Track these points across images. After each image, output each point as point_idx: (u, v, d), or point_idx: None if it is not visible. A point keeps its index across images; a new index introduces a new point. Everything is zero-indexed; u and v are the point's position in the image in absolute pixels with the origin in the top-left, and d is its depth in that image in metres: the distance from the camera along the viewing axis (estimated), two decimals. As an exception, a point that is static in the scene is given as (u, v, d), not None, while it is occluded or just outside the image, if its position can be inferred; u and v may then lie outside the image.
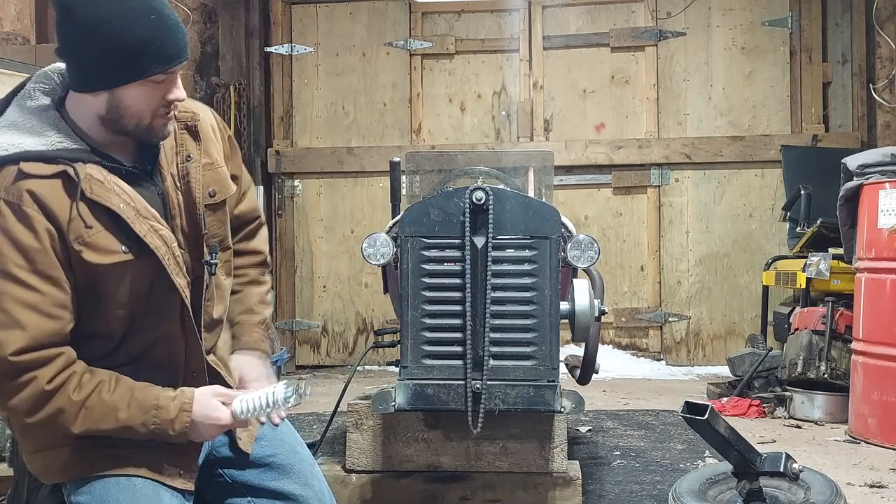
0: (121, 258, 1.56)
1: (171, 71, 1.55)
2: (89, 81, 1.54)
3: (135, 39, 1.48)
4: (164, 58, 1.52)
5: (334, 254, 6.06)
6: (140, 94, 1.54)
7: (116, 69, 1.51)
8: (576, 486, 2.56)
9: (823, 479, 2.39)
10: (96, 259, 1.54)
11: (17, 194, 1.50)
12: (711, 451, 3.18)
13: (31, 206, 1.50)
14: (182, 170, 1.68)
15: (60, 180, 1.53)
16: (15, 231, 1.49)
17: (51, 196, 1.52)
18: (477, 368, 2.26)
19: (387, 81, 6.05)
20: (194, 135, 1.72)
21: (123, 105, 1.55)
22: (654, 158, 5.80)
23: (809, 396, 4.05)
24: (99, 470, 1.59)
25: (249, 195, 1.95)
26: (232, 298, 1.90)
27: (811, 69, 5.76)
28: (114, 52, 1.49)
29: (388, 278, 2.69)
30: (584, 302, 2.33)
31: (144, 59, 1.50)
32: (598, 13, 5.94)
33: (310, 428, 3.93)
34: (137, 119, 1.57)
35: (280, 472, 1.79)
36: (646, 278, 5.87)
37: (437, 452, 2.59)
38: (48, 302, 1.51)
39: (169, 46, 1.52)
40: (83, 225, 1.53)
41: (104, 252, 1.55)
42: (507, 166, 3.34)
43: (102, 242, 1.55)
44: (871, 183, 3.66)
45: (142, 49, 1.49)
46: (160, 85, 1.55)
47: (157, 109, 1.57)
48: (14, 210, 1.50)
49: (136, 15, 1.49)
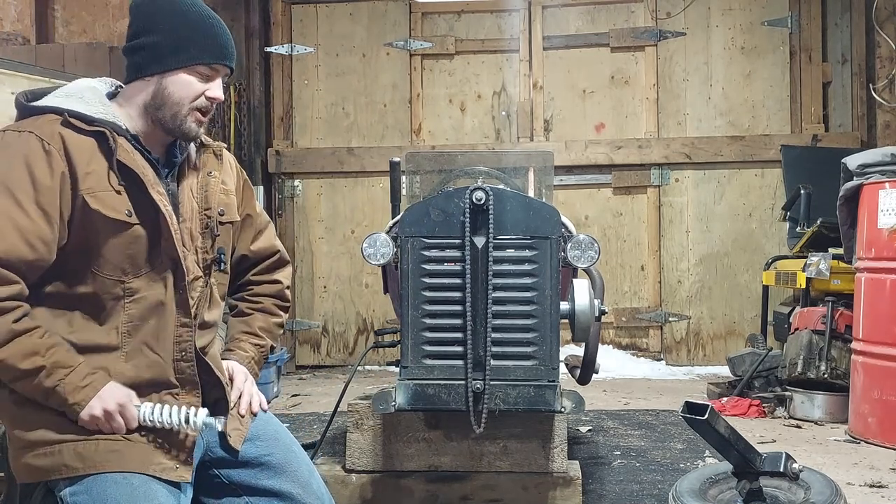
0: (122, 217, 1.66)
1: (215, 67, 1.75)
2: (147, 65, 1.72)
3: (196, 31, 1.72)
4: (214, 52, 1.74)
5: (335, 254, 6.06)
6: (185, 83, 1.72)
7: (176, 51, 1.71)
8: (576, 485, 2.56)
9: (823, 479, 2.39)
10: (99, 207, 1.64)
11: (49, 134, 1.64)
12: (711, 451, 3.18)
13: (56, 146, 1.63)
14: (202, 181, 1.82)
15: (94, 139, 1.66)
16: (33, 162, 1.61)
17: (79, 147, 1.64)
18: (477, 368, 2.26)
19: (387, 82, 6.05)
20: (219, 157, 1.89)
21: (167, 91, 1.72)
22: (654, 158, 5.81)
23: (809, 396, 4.05)
24: (94, 468, 1.60)
25: (266, 234, 2.05)
26: (238, 319, 2.01)
27: (811, 69, 5.76)
28: (176, 38, 1.71)
29: (389, 278, 2.69)
30: (584, 302, 2.33)
31: (197, 49, 1.72)
32: (597, 13, 5.94)
33: (310, 428, 3.93)
34: (177, 107, 1.72)
35: (276, 471, 1.80)
36: (646, 278, 5.88)
37: (437, 452, 2.60)
38: (33, 231, 1.60)
39: (221, 45, 1.75)
40: (98, 180, 1.64)
41: (109, 208, 1.65)
42: (507, 166, 3.34)
43: (111, 201, 1.65)
44: (870, 183, 3.66)
45: (198, 40, 1.72)
46: (205, 79, 1.74)
47: (196, 102, 1.74)
48: (42, 145, 1.63)
49: (199, 16, 1.74)
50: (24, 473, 1.65)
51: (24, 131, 1.64)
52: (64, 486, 1.61)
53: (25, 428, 1.63)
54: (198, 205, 1.79)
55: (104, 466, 1.60)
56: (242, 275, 2.03)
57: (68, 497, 1.60)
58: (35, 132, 1.63)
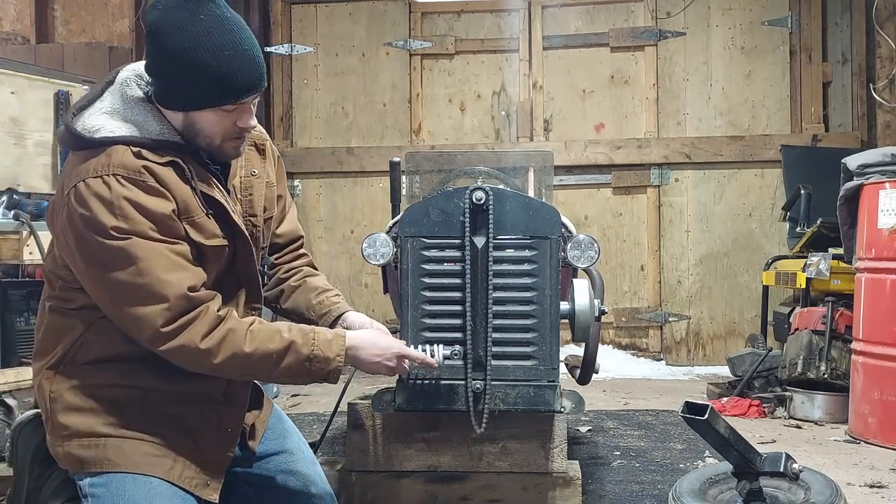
0: (220, 242, 1.70)
1: (241, 102, 1.67)
2: (167, 101, 1.67)
3: (209, 73, 1.61)
4: (234, 91, 1.64)
5: (334, 254, 6.06)
6: (212, 120, 1.67)
7: (190, 96, 1.64)
8: (576, 486, 2.55)
9: (823, 479, 2.39)
10: (201, 239, 1.66)
11: (136, 169, 1.60)
12: (711, 451, 3.18)
13: (152, 180, 1.61)
14: (245, 183, 1.82)
15: (171, 168, 1.65)
16: (144, 201, 1.59)
17: (163, 176, 1.63)
18: (477, 368, 2.26)
19: (386, 82, 6.05)
20: (262, 152, 1.88)
21: (196, 126, 1.68)
22: (654, 158, 5.81)
23: (809, 396, 4.05)
24: (134, 468, 1.62)
25: (291, 216, 2.06)
26: (299, 292, 2.03)
27: (811, 69, 5.76)
28: (189, 82, 1.62)
29: (388, 278, 2.69)
30: (584, 302, 2.33)
31: (216, 92, 1.63)
32: (597, 13, 5.94)
33: (310, 428, 3.93)
34: (209, 140, 1.69)
35: (284, 468, 1.82)
36: (646, 278, 5.88)
37: (437, 452, 2.59)
38: (189, 252, 1.64)
39: (240, 81, 1.64)
40: (196, 207, 1.66)
41: (208, 234, 1.68)
42: (507, 166, 3.33)
43: (207, 226, 1.68)
44: (871, 183, 3.66)
45: (215, 82, 1.62)
46: (231, 113, 1.67)
47: (228, 133, 1.70)
48: (136, 183, 1.60)
49: (212, 50, 1.60)
50: (66, 461, 1.67)
51: (112, 175, 1.59)
52: (85, 476, 1.63)
53: (77, 417, 1.65)
54: (242, 208, 1.80)
55: (143, 468, 1.62)
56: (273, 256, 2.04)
57: (87, 487, 1.63)
58: (123, 173, 1.59)
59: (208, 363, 1.61)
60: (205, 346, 1.59)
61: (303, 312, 1.99)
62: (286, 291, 2.01)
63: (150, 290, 1.57)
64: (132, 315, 1.58)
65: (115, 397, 1.66)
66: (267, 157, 1.90)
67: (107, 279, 1.58)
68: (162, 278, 1.57)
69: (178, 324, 1.58)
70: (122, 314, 1.60)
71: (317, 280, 2.05)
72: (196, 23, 1.59)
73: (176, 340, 1.59)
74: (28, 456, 1.75)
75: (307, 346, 1.66)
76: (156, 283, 1.57)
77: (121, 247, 1.56)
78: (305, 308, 1.99)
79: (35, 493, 1.73)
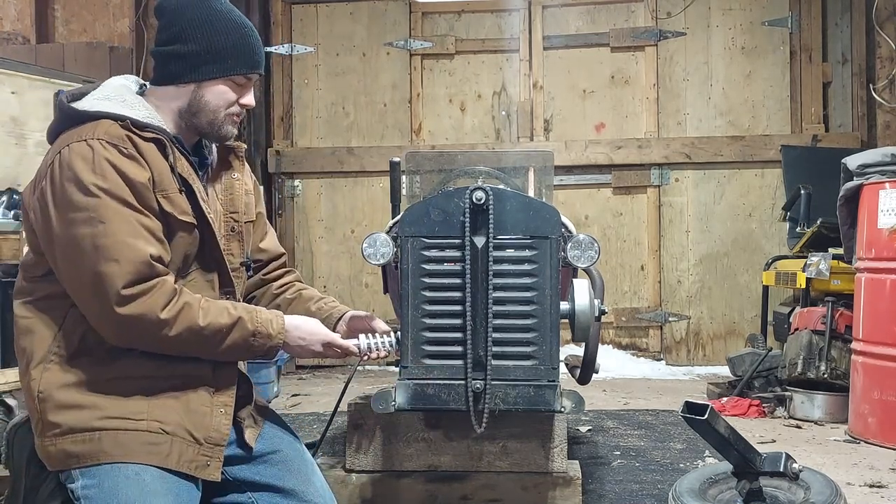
0: (190, 219, 1.74)
1: (250, 76, 1.81)
2: (184, 72, 1.76)
3: (232, 43, 1.76)
4: (250, 63, 1.79)
5: (334, 254, 6.06)
6: (221, 92, 1.78)
7: (210, 63, 1.75)
8: (576, 485, 2.56)
9: (823, 479, 2.39)
10: (173, 210, 1.71)
11: (121, 139, 1.67)
12: (711, 450, 3.18)
13: (133, 150, 1.68)
14: (226, 183, 1.90)
15: (154, 144, 1.71)
16: (123, 166, 1.65)
17: (146, 149, 1.70)
18: (477, 368, 2.26)
19: (387, 81, 6.05)
20: (240, 159, 1.95)
21: (204, 100, 1.77)
22: (654, 158, 5.81)
23: (809, 396, 4.05)
24: (132, 457, 1.62)
25: (271, 234, 2.13)
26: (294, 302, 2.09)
27: (811, 69, 5.76)
28: (213, 50, 1.75)
29: (388, 278, 2.69)
30: (584, 302, 2.33)
31: (233, 60, 1.77)
32: (597, 13, 5.94)
33: (310, 428, 3.93)
34: (213, 114, 1.79)
35: (281, 468, 1.81)
36: (646, 278, 5.88)
37: (437, 452, 2.59)
38: (157, 228, 1.68)
39: (256, 55, 1.80)
40: (166, 182, 1.71)
41: (179, 209, 1.73)
42: (507, 166, 3.33)
43: (179, 202, 1.73)
44: (871, 183, 3.66)
45: (234, 51, 1.76)
46: (240, 87, 1.80)
47: (230, 109, 1.80)
48: (118, 148, 1.66)
49: (234, 25, 1.78)
50: (57, 459, 1.66)
51: (96, 139, 1.65)
52: (77, 478, 1.62)
53: (69, 414, 1.64)
54: (223, 207, 1.86)
55: (139, 457, 1.62)
56: (254, 273, 2.07)
57: (80, 490, 1.62)
58: (106, 139, 1.66)
59: (163, 335, 1.64)
60: (164, 317, 1.63)
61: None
62: (282, 305, 2.05)
63: (113, 249, 1.61)
64: (93, 274, 1.60)
65: (106, 389, 1.66)
66: (246, 168, 1.97)
67: (72, 235, 1.62)
68: (126, 241, 1.62)
69: (138, 288, 1.62)
70: (83, 275, 1.61)
71: (310, 291, 2.12)
72: (217, 3, 1.77)
73: (135, 306, 1.61)
74: (24, 457, 1.75)
75: (252, 323, 1.72)
76: (119, 244, 1.61)
77: (94, 204, 1.61)
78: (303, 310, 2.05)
79: (32, 493, 1.72)
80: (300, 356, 1.87)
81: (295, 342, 1.81)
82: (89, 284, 1.62)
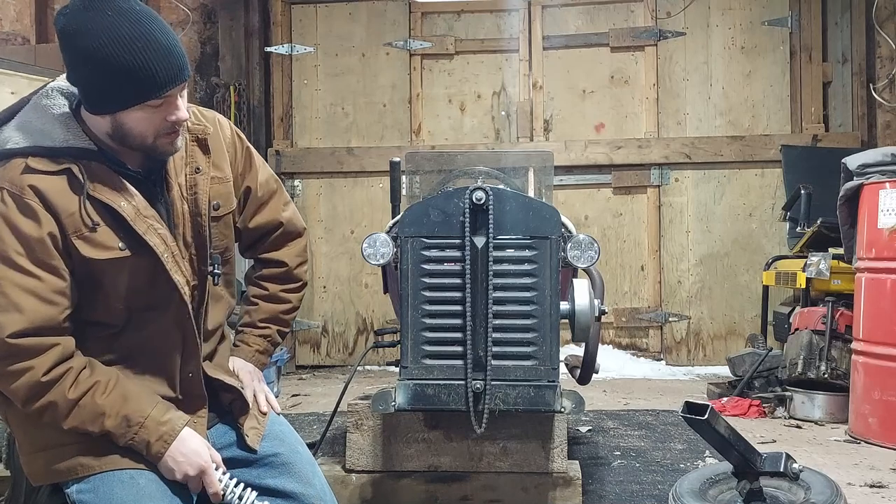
0: (117, 254, 1.61)
1: (165, 96, 1.57)
2: (91, 105, 1.60)
3: (124, 70, 1.52)
4: (155, 85, 1.54)
5: (334, 254, 6.06)
6: (139, 118, 1.58)
7: (111, 97, 1.56)
8: (576, 486, 2.56)
9: (823, 479, 2.39)
10: (92, 254, 1.59)
11: (21, 186, 1.56)
12: (711, 451, 3.18)
13: (33, 198, 1.55)
14: (190, 181, 1.73)
15: (65, 177, 1.58)
16: (17, 220, 1.55)
17: (53, 191, 1.57)
18: (477, 368, 2.26)
19: (386, 82, 6.05)
20: (204, 147, 1.77)
21: (126, 127, 1.60)
22: (654, 158, 5.80)
23: (809, 396, 4.05)
24: (111, 465, 1.60)
25: (270, 206, 1.96)
26: (244, 309, 1.98)
27: (811, 69, 5.76)
28: (107, 82, 1.54)
29: (388, 278, 2.69)
30: (584, 302, 2.33)
31: (135, 89, 1.54)
32: (597, 13, 5.94)
33: (310, 428, 3.93)
34: (141, 139, 1.61)
35: (281, 470, 1.80)
36: (646, 278, 5.87)
37: (437, 452, 2.59)
38: (46, 288, 1.56)
39: (159, 73, 1.54)
40: (82, 221, 1.58)
41: (101, 248, 1.60)
42: (507, 166, 3.33)
43: (100, 238, 1.60)
44: (871, 183, 3.65)
45: (132, 79, 1.53)
46: (158, 108, 1.58)
47: (160, 130, 1.61)
48: (17, 201, 1.55)
49: (123, 44, 1.51)
50: (41, 476, 1.65)
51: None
52: (72, 483, 1.61)
53: (38, 432, 1.62)
54: (188, 207, 1.72)
55: (120, 463, 1.61)
56: (248, 251, 2.00)
57: (75, 495, 1.61)
58: (6, 187, 1.55)
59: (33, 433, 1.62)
60: (26, 410, 1.57)
61: (239, 328, 2.00)
62: (245, 295, 2.00)
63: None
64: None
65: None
66: (214, 151, 1.78)
67: None
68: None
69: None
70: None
71: (266, 308, 1.98)
72: (103, 19, 1.51)
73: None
74: None
75: (124, 440, 1.60)
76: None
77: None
78: (237, 328, 2.00)
79: (32, 495, 1.72)
80: (168, 472, 1.64)
81: (169, 456, 1.63)
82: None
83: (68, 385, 1.56)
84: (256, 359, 1.97)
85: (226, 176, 1.81)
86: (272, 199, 1.97)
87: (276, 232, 1.98)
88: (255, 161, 1.93)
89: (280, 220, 1.98)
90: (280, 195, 1.99)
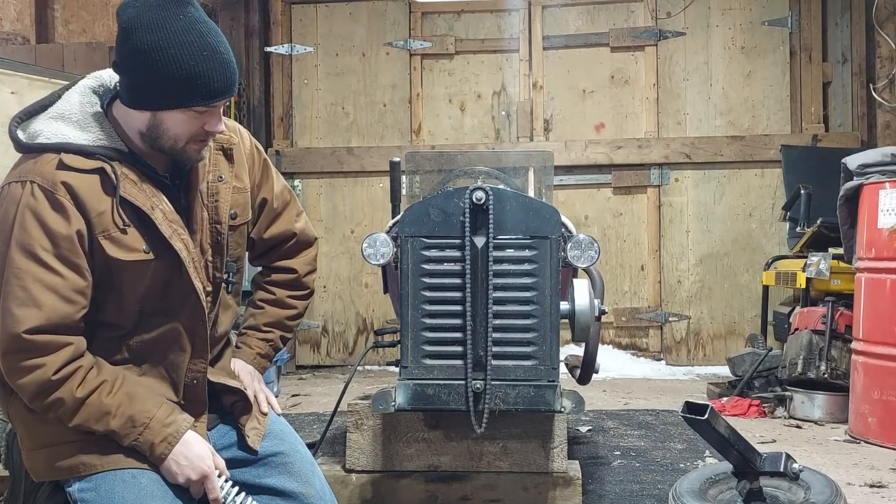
0: (141, 257, 1.63)
1: (213, 105, 1.61)
2: (136, 99, 1.61)
3: (184, 72, 1.55)
4: (208, 93, 1.58)
5: (334, 254, 6.06)
6: (180, 120, 1.61)
7: (162, 95, 1.58)
8: (576, 485, 2.56)
9: (823, 479, 2.39)
10: (118, 254, 1.61)
11: (53, 182, 1.57)
12: (711, 450, 3.18)
13: (64, 195, 1.57)
14: (212, 188, 1.75)
15: (98, 176, 1.60)
16: (46, 216, 1.56)
17: (85, 189, 1.59)
18: (477, 368, 2.26)
19: (387, 82, 6.05)
20: (229, 157, 1.80)
21: (163, 127, 1.62)
22: (654, 158, 5.81)
23: (809, 396, 4.05)
24: (113, 464, 1.60)
25: (284, 217, 1.98)
26: (249, 311, 2.00)
27: (811, 69, 5.76)
28: (163, 80, 1.56)
29: (388, 278, 2.69)
30: (584, 302, 2.33)
31: (190, 92, 1.57)
32: (597, 13, 5.94)
33: (310, 428, 3.93)
34: (174, 141, 1.63)
35: (281, 469, 1.80)
36: (646, 278, 5.88)
37: (437, 452, 2.59)
38: (67, 286, 1.57)
39: (215, 83, 1.58)
40: (113, 222, 1.60)
41: (127, 249, 1.62)
42: (507, 166, 3.34)
43: (127, 240, 1.62)
44: (871, 183, 3.66)
45: (189, 82, 1.56)
46: (201, 115, 1.62)
47: (194, 136, 1.64)
48: (48, 196, 1.56)
49: (190, 50, 1.55)
50: (42, 472, 1.65)
51: (27, 181, 1.57)
52: (74, 481, 1.62)
53: (41, 429, 1.63)
54: (208, 214, 1.74)
55: (122, 463, 1.61)
56: (258, 259, 2.01)
57: (76, 493, 1.61)
58: (37, 181, 1.57)
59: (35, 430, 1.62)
60: (33, 406, 1.58)
61: (241, 330, 2.01)
62: (252, 298, 2.01)
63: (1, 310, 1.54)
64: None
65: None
66: (237, 162, 1.81)
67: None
68: (9, 308, 1.54)
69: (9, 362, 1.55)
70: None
71: (271, 312, 1.99)
72: (175, 22, 1.55)
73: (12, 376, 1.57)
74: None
75: (128, 440, 1.60)
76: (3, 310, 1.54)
77: (2, 253, 1.56)
78: (240, 330, 2.01)
79: (31, 495, 1.72)
80: (170, 475, 1.63)
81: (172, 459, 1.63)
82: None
83: (76, 384, 1.57)
84: (258, 362, 1.98)
85: (245, 186, 1.83)
86: (286, 210, 1.99)
87: (290, 242, 2.01)
88: (271, 172, 1.95)
89: (294, 231, 2.00)
90: (293, 206, 2.01)
